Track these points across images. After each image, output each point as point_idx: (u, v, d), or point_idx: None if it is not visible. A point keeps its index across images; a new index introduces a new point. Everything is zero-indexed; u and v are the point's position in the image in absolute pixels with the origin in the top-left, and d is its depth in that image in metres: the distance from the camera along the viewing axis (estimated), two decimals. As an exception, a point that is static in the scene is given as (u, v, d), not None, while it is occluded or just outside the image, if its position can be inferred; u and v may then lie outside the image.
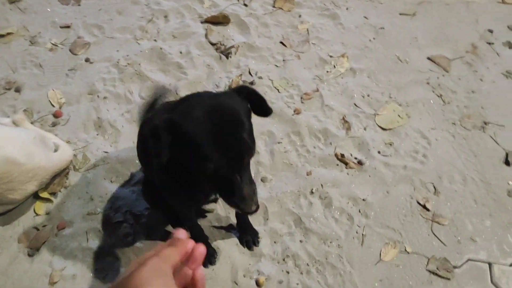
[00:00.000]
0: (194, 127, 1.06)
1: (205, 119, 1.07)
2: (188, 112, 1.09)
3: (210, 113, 1.08)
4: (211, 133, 1.05)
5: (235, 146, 1.08)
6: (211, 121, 1.06)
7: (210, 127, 1.06)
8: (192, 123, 1.07)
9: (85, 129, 2.29)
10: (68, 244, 1.94)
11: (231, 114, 1.10)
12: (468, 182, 2.21)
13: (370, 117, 2.44)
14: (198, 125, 1.06)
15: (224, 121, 1.08)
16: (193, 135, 1.06)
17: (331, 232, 2.02)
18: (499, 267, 1.94)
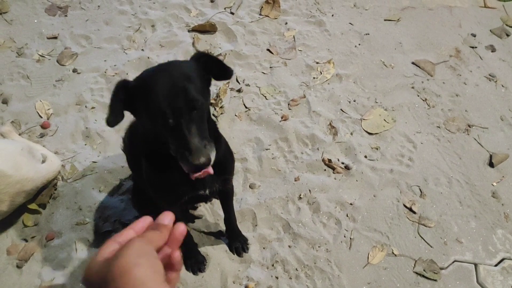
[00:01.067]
0: (143, 82, 1.14)
1: (155, 76, 1.13)
2: (141, 74, 1.18)
3: (159, 72, 1.15)
4: (159, 86, 1.11)
5: (181, 97, 1.11)
6: (159, 77, 1.13)
7: (158, 82, 1.12)
8: (142, 80, 1.15)
9: (73, 140, 2.30)
10: (57, 254, 1.94)
11: (179, 71, 1.16)
12: (453, 184, 2.24)
13: (356, 122, 2.47)
14: (147, 81, 1.13)
15: (172, 76, 1.13)
16: (142, 89, 1.13)
17: (319, 237, 2.04)
18: (485, 268, 1.97)
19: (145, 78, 1.15)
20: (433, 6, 3.22)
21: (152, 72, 1.15)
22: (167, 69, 1.17)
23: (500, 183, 2.26)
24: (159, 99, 1.10)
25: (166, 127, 1.12)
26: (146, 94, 1.12)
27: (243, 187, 2.18)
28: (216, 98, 2.49)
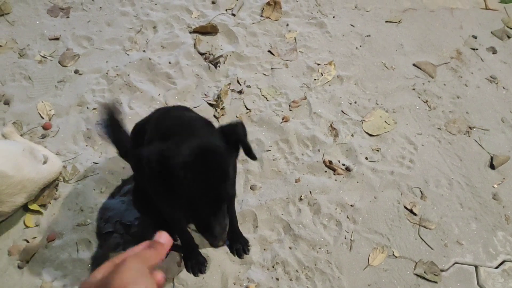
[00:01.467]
0: (181, 168, 1.12)
1: (193, 163, 1.13)
2: (178, 151, 1.14)
3: (198, 157, 1.14)
4: (196, 178, 1.13)
5: (216, 195, 1.16)
6: (198, 166, 1.13)
7: (196, 172, 1.13)
8: (180, 163, 1.13)
9: (75, 141, 2.30)
10: (58, 255, 1.94)
11: (218, 163, 1.16)
12: (454, 186, 2.24)
13: (357, 124, 2.48)
14: (185, 167, 1.12)
15: (210, 169, 1.14)
16: (179, 174, 1.13)
17: (320, 238, 2.04)
18: (485, 270, 1.97)
19: (182, 162, 1.13)
20: (435, 8, 3.22)
21: (190, 156, 1.14)
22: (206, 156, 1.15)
23: (501, 185, 2.26)
24: (195, 194, 1.15)
25: (191, 212, 1.21)
26: (182, 183, 1.13)
27: (244, 188, 2.19)
28: (217, 100, 2.50)
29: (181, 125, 1.34)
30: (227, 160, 1.19)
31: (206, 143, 1.19)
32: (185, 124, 1.33)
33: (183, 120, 1.42)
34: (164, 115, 1.55)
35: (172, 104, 2.46)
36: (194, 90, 2.57)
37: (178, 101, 2.49)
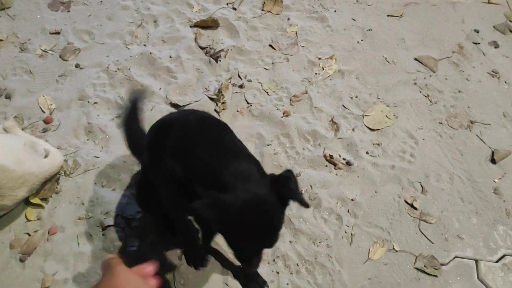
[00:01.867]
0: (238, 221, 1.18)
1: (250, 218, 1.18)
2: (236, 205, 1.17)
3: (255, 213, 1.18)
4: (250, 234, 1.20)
5: (265, 245, 1.26)
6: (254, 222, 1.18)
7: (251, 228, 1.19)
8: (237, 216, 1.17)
9: (76, 135, 2.31)
10: (59, 249, 1.95)
11: (272, 221, 1.22)
12: (455, 181, 2.24)
13: (358, 118, 2.47)
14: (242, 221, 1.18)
15: (265, 226, 1.20)
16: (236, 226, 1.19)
17: (320, 232, 2.04)
18: (485, 264, 1.97)
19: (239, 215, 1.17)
20: (437, 1, 3.21)
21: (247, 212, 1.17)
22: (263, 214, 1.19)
23: (502, 180, 2.26)
24: (245, 246, 1.23)
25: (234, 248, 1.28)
26: (236, 230, 1.20)
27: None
28: (218, 94, 2.50)
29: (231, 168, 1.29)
30: (280, 217, 1.25)
31: (263, 200, 1.21)
32: (236, 169, 1.29)
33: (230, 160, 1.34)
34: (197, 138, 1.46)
35: (173, 98, 2.46)
36: (195, 84, 2.56)
37: (179, 95, 2.49)
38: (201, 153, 1.38)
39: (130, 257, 1.93)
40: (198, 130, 1.50)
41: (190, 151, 1.40)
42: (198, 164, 1.35)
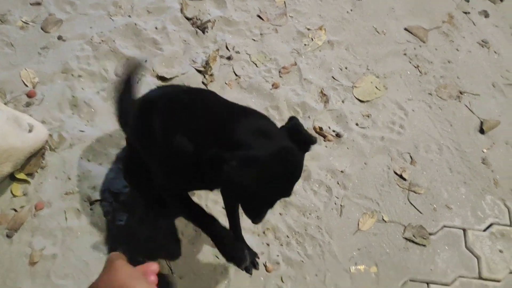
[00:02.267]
0: (269, 174, 1.15)
1: (280, 169, 1.16)
2: (267, 158, 1.15)
3: (285, 166, 1.18)
4: (281, 183, 1.19)
5: (288, 194, 1.24)
6: (284, 172, 1.18)
7: (282, 177, 1.18)
8: (268, 169, 1.15)
9: (60, 109, 2.25)
10: (47, 224, 1.93)
11: (298, 169, 1.22)
12: (443, 151, 2.24)
13: (348, 90, 2.45)
14: (272, 173, 1.15)
15: (293, 176, 1.21)
16: (266, 180, 1.15)
17: (310, 204, 2.04)
18: (473, 233, 2.00)
19: (271, 168, 1.15)
20: (427, -30, 3.15)
21: (278, 164, 1.16)
22: (286, 167, 1.18)
23: (490, 150, 2.26)
24: (268, 194, 1.19)
25: (247, 203, 1.26)
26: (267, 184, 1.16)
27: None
28: (205, 66, 2.45)
29: (246, 124, 1.27)
30: (302, 164, 1.25)
31: (289, 150, 1.21)
32: (251, 124, 1.27)
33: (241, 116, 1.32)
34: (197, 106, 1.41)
35: (160, 71, 2.40)
36: (182, 56, 2.51)
37: (165, 67, 2.43)
38: (208, 118, 1.33)
39: (118, 231, 1.92)
40: (194, 100, 1.45)
41: (196, 121, 1.35)
42: (210, 131, 1.29)
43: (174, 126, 1.39)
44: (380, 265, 1.91)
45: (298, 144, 1.23)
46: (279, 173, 1.17)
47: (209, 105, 1.42)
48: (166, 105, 1.48)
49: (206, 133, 1.30)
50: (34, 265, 1.84)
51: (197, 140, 1.31)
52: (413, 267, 1.91)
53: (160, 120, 1.45)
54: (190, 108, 1.41)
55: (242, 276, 1.86)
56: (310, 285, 1.85)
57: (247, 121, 1.29)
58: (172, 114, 1.43)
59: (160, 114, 1.46)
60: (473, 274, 1.91)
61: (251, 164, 1.13)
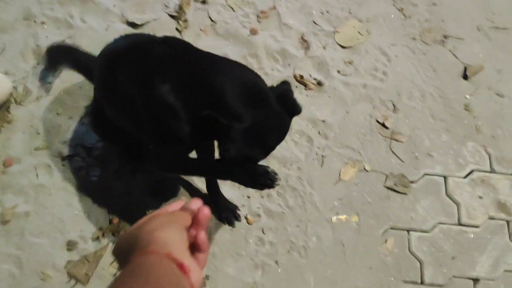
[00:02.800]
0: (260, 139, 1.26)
1: (270, 134, 1.29)
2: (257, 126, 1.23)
3: (274, 130, 1.30)
4: (270, 146, 1.33)
5: (273, 148, 1.35)
6: (274, 136, 1.32)
7: (271, 141, 1.32)
8: (260, 135, 1.25)
9: (24, 59, 2.10)
10: (17, 181, 1.85)
11: (285, 134, 1.36)
12: (426, 98, 2.20)
13: (329, 35, 2.34)
14: (263, 138, 1.28)
15: (280, 139, 1.35)
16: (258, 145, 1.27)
17: (291, 155, 2.00)
18: (454, 180, 1.99)
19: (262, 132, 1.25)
20: None
21: (269, 129, 1.27)
22: (279, 126, 1.32)
23: (473, 96, 2.22)
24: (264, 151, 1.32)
25: None
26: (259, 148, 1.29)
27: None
28: (179, 11, 2.30)
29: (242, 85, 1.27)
30: (288, 127, 1.36)
31: (277, 116, 1.29)
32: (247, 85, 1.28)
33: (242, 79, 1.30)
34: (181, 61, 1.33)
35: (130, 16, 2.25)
36: (153, 0, 2.34)
37: (136, 13, 2.28)
38: (191, 72, 1.28)
39: (93, 187, 1.85)
40: (171, 52, 1.35)
41: (177, 75, 1.28)
42: (194, 87, 1.26)
43: (151, 81, 1.30)
44: (362, 214, 1.90)
45: (287, 108, 1.31)
46: (271, 140, 1.31)
47: (190, 58, 1.34)
48: (138, 58, 1.37)
49: (190, 89, 1.25)
50: (7, 224, 1.77)
51: (181, 95, 1.25)
52: (394, 215, 1.91)
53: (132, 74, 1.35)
54: (169, 61, 1.32)
55: (223, 229, 1.83)
56: (292, 235, 1.84)
57: (235, 76, 1.28)
58: (147, 68, 1.33)
59: (131, 68, 1.36)
60: (453, 220, 1.92)
61: (249, 135, 1.20)
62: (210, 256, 1.77)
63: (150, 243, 0.58)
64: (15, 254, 1.72)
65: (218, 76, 1.26)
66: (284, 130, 1.35)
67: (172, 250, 0.58)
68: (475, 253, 1.86)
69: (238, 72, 1.31)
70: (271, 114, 1.26)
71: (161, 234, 0.60)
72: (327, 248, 1.83)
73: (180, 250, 0.60)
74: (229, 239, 1.82)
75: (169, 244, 0.59)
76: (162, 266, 0.56)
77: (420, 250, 1.85)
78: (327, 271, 1.78)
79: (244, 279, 1.75)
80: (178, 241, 0.62)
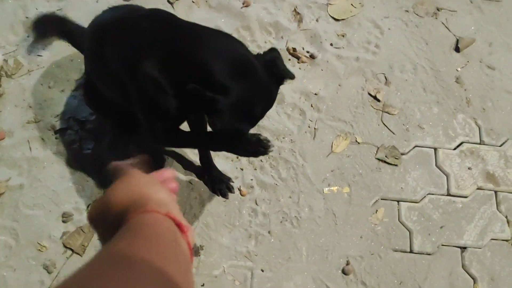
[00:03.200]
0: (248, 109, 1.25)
1: (253, 99, 1.25)
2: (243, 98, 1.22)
3: (256, 95, 1.25)
4: (252, 109, 1.27)
5: (260, 118, 1.33)
6: (255, 100, 1.26)
7: (256, 108, 1.27)
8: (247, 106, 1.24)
9: (14, 31, 2.08)
10: (10, 154, 1.85)
11: (272, 101, 1.33)
12: (418, 71, 2.21)
13: (322, 8, 2.33)
14: (251, 108, 1.26)
15: (267, 107, 1.32)
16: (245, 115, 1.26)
17: (284, 128, 2.01)
18: (444, 151, 2.02)
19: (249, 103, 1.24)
20: None
21: (255, 100, 1.25)
22: (264, 92, 1.27)
23: (465, 68, 2.24)
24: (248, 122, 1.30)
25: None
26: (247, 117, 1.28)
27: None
28: (170, -18, 2.27)
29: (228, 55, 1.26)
30: (276, 97, 1.35)
31: (265, 85, 1.27)
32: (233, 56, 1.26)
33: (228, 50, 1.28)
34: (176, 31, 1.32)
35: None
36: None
37: (127, -16, 2.25)
38: (176, 46, 1.27)
39: (86, 160, 1.86)
40: (155, 26, 1.33)
41: (162, 49, 1.27)
42: (181, 60, 1.24)
43: (135, 57, 1.29)
44: (353, 186, 1.93)
45: (275, 77, 1.29)
46: (258, 110, 1.28)
47: (174, 32, 1.31)
48: (123, 34, 1.36)
49: (175, 63, 1.25)
50: (1, 196, 1.78)
51: (166, 70, 1.25)
52: (384, 186, 1.94)
53: (117, 50, 1.34)
54: (153, 36, 1.30)
55: (217, 200, 1.86)
56: (284, 206, 1.87)
57: (220, 48, 1.26)
58: (132, 44, 1.32)
59: (117, 43, 1.35)
60: (442, 191, 1.96)
61: (236, 107, 1.20)
62: (205, 227, 1.80)
63: (147, 203, 0.58)
64: (11, 225, 1.74)
65: (203, 49, 1.24)
66: (271, 99, 1.32)
67: (170, 209, 0.58)
68: (463, 222, 1.90)
69: (223, 44, 1.29)
70: (257, 85, 1.24)
71: (155, 195, 0.60)
72: (319, 218, 1.86)
73: (176, 210, 0.60)
74: (223, 210, 1.85)
75: (165, 204, 0.59)
76: (164, 224, 0.56)
77: (410, 219, 1.89)
78: (319, 240, 1.82)
79: (238, 248, 1.78)
80: (172, 201, 0.62)
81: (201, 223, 1.81)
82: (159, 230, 0.54)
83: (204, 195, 1.86)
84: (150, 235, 0.52)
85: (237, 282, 1.73)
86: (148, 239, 0.51)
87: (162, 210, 0.57)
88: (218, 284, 1.73)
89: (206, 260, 1.76)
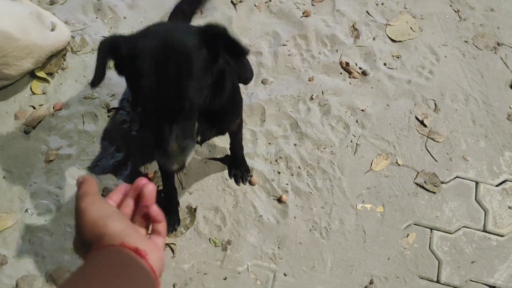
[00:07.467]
0: (135, 58, 0.98)
1: (150, 55, 0.98)
2: (136, 40, 1.01)
3: (157, 49, 0.99)
4: (152, 75, 0.97)
5: (172, 94, 0.98)
6: (155, 59, 0.97)
7: (153, 67, 0.97)
8: (134, 53, 0.99)
9: (84, 11, 2.20)
10: (64, 125, 1.95)
11: (181, 59, 0.99)
12: (470, 102, 2.17)
13: (381, 27, 2.34)
14: (140, 59, 0.98)
15: (171, 64, 0.98)
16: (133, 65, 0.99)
17: (326, 139, 2.03)
18: (485, 186, 1.98)
19: (138, 53, 0.98)
20: None
21: (148, 47, 0.98)
22: (167, 47, 0.99)
23: (518, 107, 2.19)
24: (148, 91, 0.97)
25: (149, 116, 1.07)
26: (137, 74, 0.99)
27: (255, 81, 2.13)
28: (236, -16, 2.34)
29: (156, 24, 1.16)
30: (193, 57, 1.01)
31: (171, 35, 1.04)
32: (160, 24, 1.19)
33: None
34: None
35: None
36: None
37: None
38: None
39: (132, 141, 1.94)
40: None
41: None
42: None
43: None
44: (387, 206, 1.92)
45: (212, 49, 1.05)
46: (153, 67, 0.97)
47: None
48: None
49: None
50: (50, 163, 1.88)
51: None
52: (419, 211, 1.92)
53: None
54: None
55: (251, 198, 1.89)
56: (316, 216, 1.88)
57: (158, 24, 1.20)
58: None
59: None
60: (478, 226, 1.92)
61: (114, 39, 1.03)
62: (235, 223, 1.84)
63: (103, 237, 0.61)
64: (55, 192, 1.83)
65: None
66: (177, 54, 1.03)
67: (123, 238, 0.61)
68: (496, 260, 1.86)
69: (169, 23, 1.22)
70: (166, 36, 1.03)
71: (110, 225, 0.62)
72: (349, 233, 1.86)
73: (134, 236, 0.62)
74: (254, 209, 1.88)
75: (119, 233, 0.61)
76: (118, 255, 0.59)
77: (441, 249, 1.86)
78: (345, 254, 1.82)
79: (264, 249, 1.81)
80: (129, 228, 0.64)
81: (233, 219, 1.85)
82: (113, 262, 0.58)
83: (238, 192, 1.90)
84: (104, 270, 0.56)
85: (258, 282, 1.76)
86: (104, 275, 0.55)
87: (116, 242, 0.60)
88: (240, 280, 1.75)
89: (232, 255, 1.79)
